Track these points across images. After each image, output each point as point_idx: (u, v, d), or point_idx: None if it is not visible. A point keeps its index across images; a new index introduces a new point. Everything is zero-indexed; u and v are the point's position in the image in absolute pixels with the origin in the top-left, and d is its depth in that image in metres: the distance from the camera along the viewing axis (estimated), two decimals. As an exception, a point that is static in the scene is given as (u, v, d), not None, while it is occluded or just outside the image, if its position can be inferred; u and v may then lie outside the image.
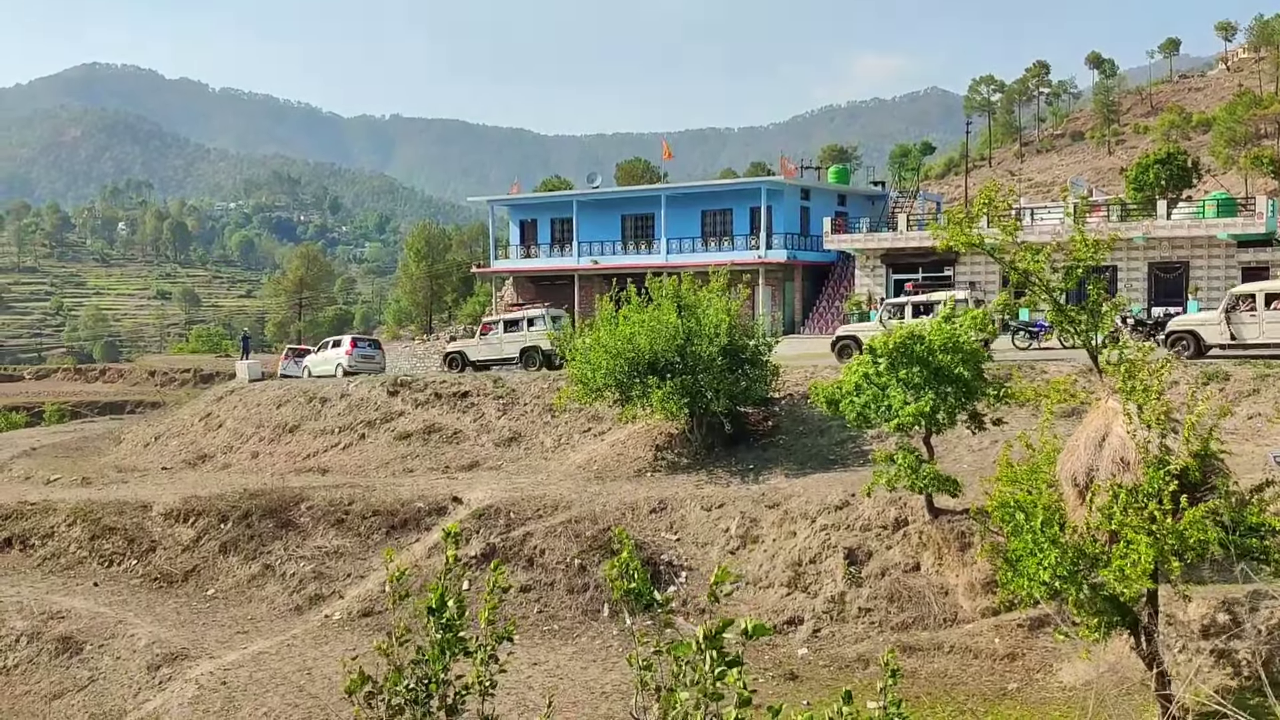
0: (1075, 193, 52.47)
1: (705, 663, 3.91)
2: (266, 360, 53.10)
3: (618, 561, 4.37)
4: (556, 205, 59.77)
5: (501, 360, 39.22)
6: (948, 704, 17.44)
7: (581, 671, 20.15)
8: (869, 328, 33.62)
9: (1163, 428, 14.50)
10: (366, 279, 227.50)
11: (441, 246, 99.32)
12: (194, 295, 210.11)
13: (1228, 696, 15.43)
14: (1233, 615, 17.34)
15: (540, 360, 37.98)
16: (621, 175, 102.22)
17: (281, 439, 36.33)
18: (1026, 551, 15.13)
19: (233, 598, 25.92)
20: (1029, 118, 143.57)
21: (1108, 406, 15.13)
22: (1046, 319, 25.75)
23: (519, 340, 38.87)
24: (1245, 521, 14.64)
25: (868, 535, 22.40)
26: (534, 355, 38.20)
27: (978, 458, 24.41)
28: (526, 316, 39.65)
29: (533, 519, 25.44)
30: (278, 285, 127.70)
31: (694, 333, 28.13)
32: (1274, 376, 26.06)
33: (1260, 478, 20.50)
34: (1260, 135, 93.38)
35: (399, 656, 4.26)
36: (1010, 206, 18.12)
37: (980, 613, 20.03)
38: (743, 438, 29.56)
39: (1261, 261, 40.40)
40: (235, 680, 20.61)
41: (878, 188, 64.37)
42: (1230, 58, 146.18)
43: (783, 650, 20.58)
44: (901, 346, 21.22)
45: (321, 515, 27.46)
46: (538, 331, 37.96)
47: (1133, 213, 44.79)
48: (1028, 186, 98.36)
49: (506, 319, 40.65)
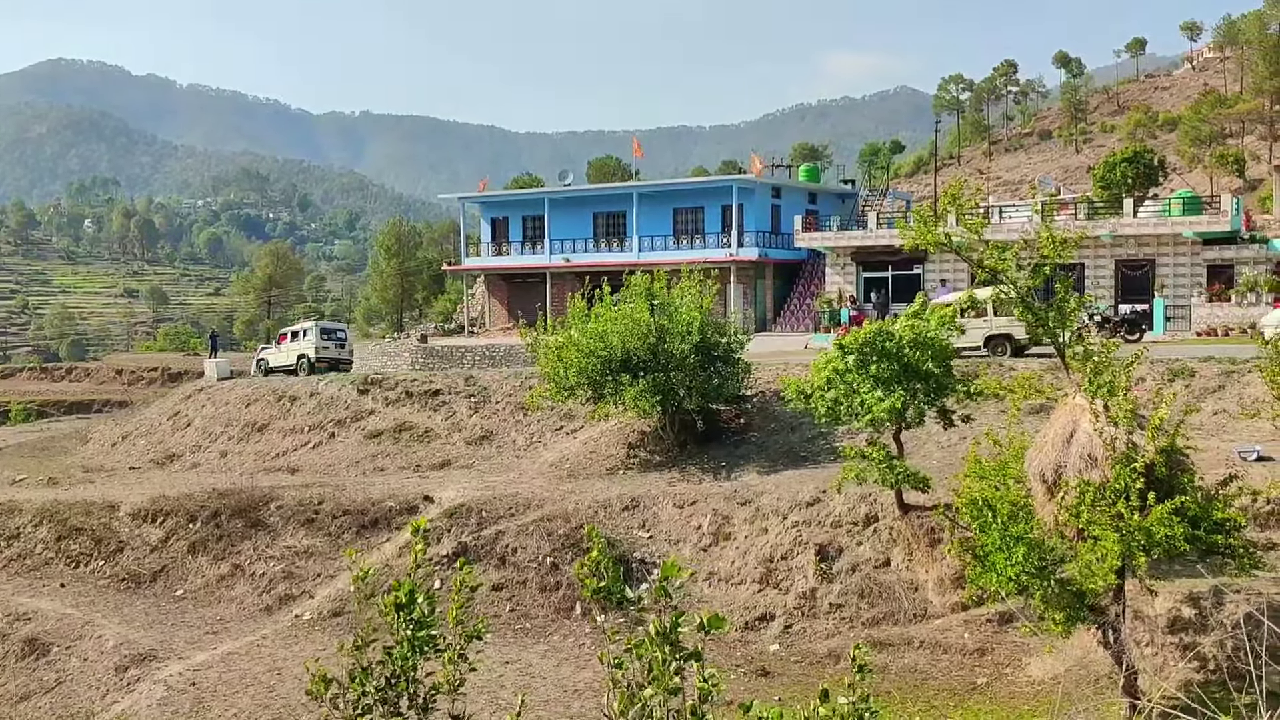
0: (1043, 191, 52.92)
1: (661, 658, 3.92)
2: (235, 359, 52.71)
3: (588, 560, 4.37)
4: (528, 203, 59.67)
5: (286, 368, 43.06)
6: (918, 699, 17.55)
7: (554, 670, 20.14)
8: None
9: (1129, 424, 14.65)
10: (336, 277, 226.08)
11: (412, 244, 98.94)
12: (161, 293, 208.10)
13: (1194, 690, 15.60)
14: (1198, 610, 17.53)
15: (309, 366, 42.33)
16: (593, 173, 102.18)
17: (250, 438, 36.09)
18: (995, 547, 15.26)
19: (202, 598, 25.73)
20: (997, 117, 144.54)
21: (1075, 403, 15.27)
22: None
23: (296, 349, 43.29)
24: (1211, 517, 14.82)
25: (839, 531, 22.50)
26: (304, 362, 42.64)
27: (947, 454, 24.56)
28: (302, 329, 44.63)
29: (505, 517, 25.38)
30: (246, 283, 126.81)
31: (666, 330, 28.14)
32: (1239, 373, 26.37)
33: (1225, 473, 20.81)
34: (1225, 134, 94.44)
35: (366, 657, 4.24)
36: (977, 205, 18.22)
37: (950, 608, 20.17)
38: (715, 435, 29.61)
39: (1226, 259, 40.86)
40: (204, 681, 20.46)
41: (848, 186, 64.68)
42: (1196, 57, 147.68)
43: (755, 647, 20.63)
44: (871, 342, 21.34)
45: (291, 515, 27.29)
46: (308, 342, 42.90)
47: (1100, 211, 45.20)
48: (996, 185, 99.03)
49: (291, 330, 45.81)
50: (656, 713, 3.92)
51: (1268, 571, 18.02)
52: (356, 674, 4.20)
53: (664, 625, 3.94)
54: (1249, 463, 21.54)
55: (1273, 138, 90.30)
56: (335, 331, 45.01)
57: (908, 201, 62.80)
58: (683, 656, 3.95)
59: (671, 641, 3.92)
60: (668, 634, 3.92)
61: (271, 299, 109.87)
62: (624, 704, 3.95)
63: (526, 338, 30.99)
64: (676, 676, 3.94)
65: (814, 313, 48.94)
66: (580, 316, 29.38)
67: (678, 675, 3.95)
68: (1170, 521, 13.85)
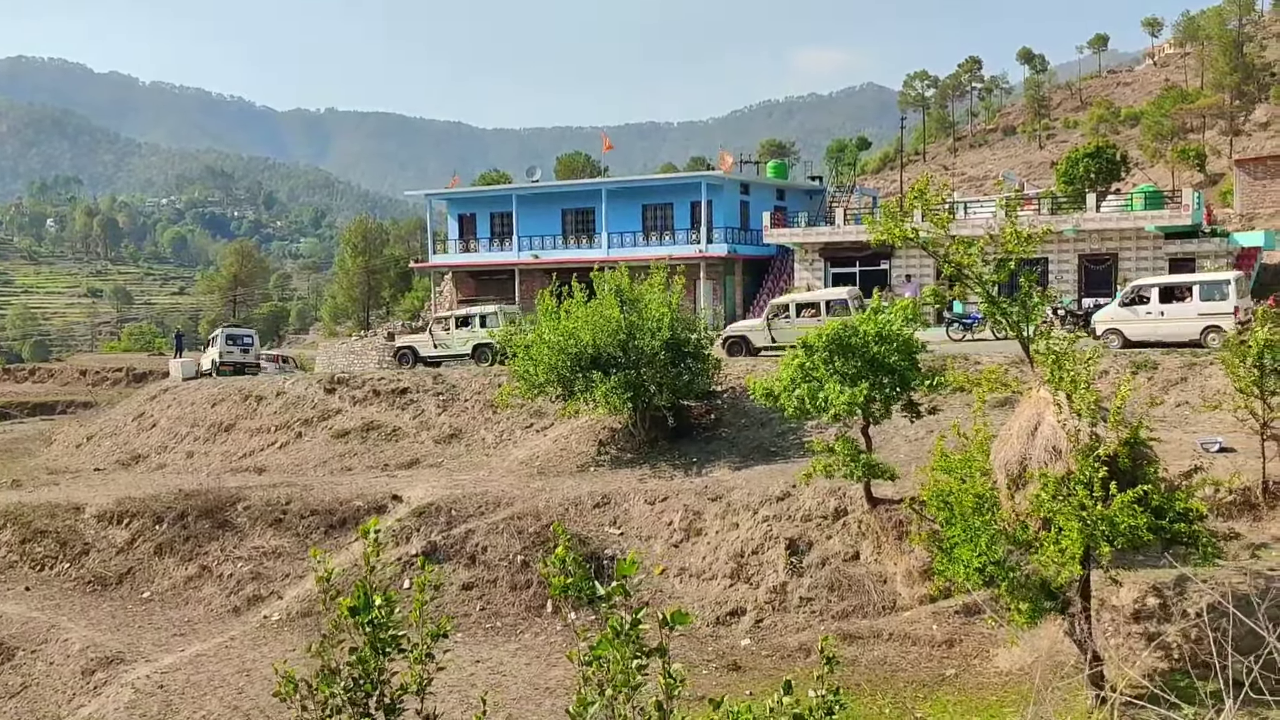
0: (1007, 186, 53.31)
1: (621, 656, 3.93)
2: (201, 358, 52.40)
3: (555, 557, 4.38)
4: (496, 199, 59.45)
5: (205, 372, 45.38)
6: (887, 691, 17.67)
7: (525, 668, 20.13)
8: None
9: (1092, 416, 14.81)
10: (302, 275, 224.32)
11: (379, 241, 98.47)
12: (126, 293, 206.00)
13: (1158, 679, 15.80)
14: (1163, 600, 17.75)
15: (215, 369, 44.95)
16: (561, 169, 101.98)
17: (217, 438, 35.83)
18: (961, 539, 15.39)
19: (169, 600, 25.53)
20: (962, 113, 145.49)
21: (1039, 396, 15.42)
22: (979, 311, 26.16)
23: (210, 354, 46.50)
24: (1174, 507, 15.01)
25: (808, 525, 22.60)
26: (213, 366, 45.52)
27: (914, 447, 24.73)
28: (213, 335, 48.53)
29: (474, 516, 25.33)
30: (211, 282, 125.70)
31: (636, 327, 28.16)
32: (1200, 365, 26.71)
33: (1188, 464, 21.07)
34: (1186, 129, 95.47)
35: (334, 658, 4.23)
36: (942, 200, 18.37)
37: (918, 600, 20.32)
38: (686, 431, 29.68)
39: (1188, 253, 41.34)
40: (172, 684, 20.31)
41: (815, 182, 64.87)
42: (1157, 53, 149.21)
43: (726, 642, 20.71)
44: (837, 339, 21.45)
45: (259, 515, 27.12)
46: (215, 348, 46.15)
47: (1063, 206, 45.58)
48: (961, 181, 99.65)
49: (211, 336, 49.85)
50: (621, 710, 3.94)
51: (1230, 561, 18.27)
52: (324, 675, 4.19)
53: (622, 623, 3.95)
54: (1211, 454, 21.83)
55: (1233, 133, 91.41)
56: (241, 337, 47.93)
57: (874, 198, 63.10)
58: (646, 653, 3.97)
59: (632, 639, 3.93)
60: (627, 632, 3.93)
61: (237, 298, 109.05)
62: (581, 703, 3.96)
63: (495, 335, 30.90)
64: (639, 674, 3.96)
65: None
66: (550, 313, 29.35)
67: (642, 672, 3.97)
68: (1134, 511, 14.02)
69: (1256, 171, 54.33)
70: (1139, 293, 30.17)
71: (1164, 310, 29.41)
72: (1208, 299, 29.68)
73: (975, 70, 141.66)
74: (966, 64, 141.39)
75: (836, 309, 33.56)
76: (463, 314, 41.40)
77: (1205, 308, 29.55)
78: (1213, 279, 30.75)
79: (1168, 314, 29.16)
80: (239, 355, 45.27)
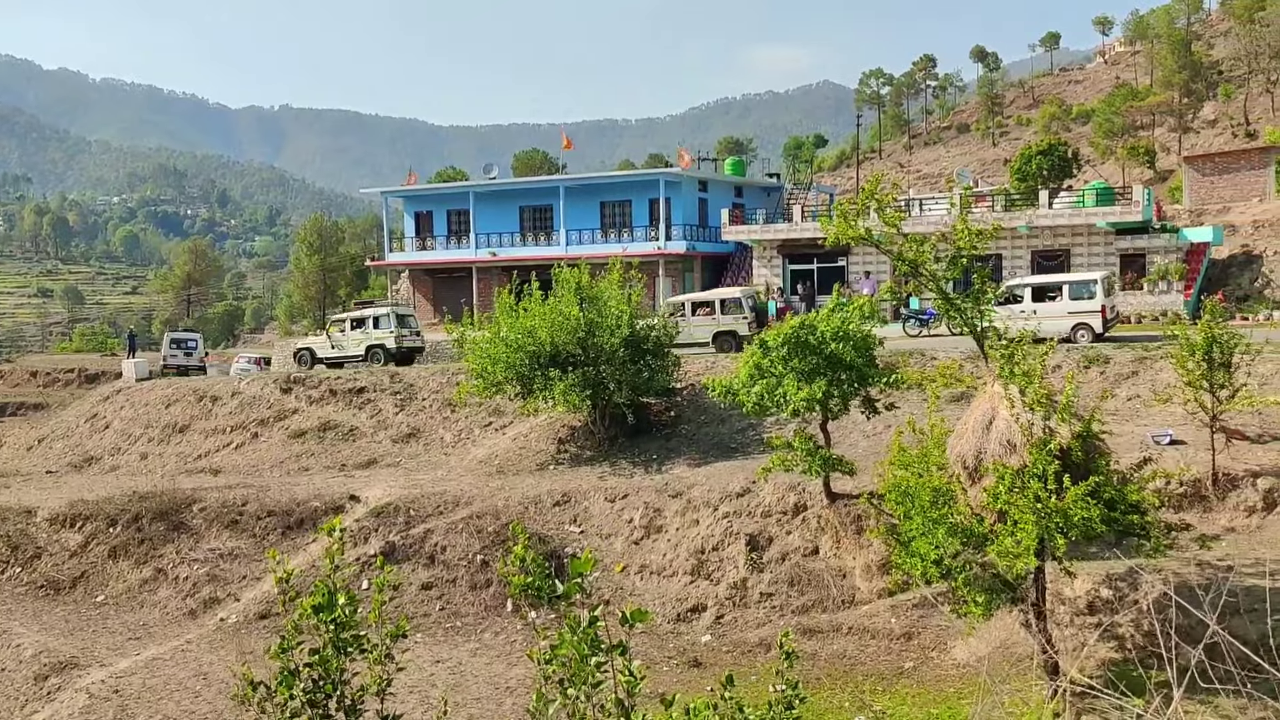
0: (961, 183, 53.80)
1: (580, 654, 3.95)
2: (155, 359, 51.79)
3: (515, 556, 4.39)
4: (452, 196, 59.16)
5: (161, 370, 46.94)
6: (846, 684, 17.81)
7: (485, 667, 20.09)
8: (319, 341, 41.23)
9: (1045, 410, 15.00)
10: (257, 274, 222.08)
11: (334, 239, 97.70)
12: (77, 293, 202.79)
13: (1112, 670, 16.05)
14: (1115, 591, 18.02)
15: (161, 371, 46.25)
16: (519, 166, 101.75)
17: (171, 439, 35.42)
18: (918, 533, 15.54)
19: (124, 603, 25.22)
20: (917, 111, 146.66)
21: (994, 391, 15.59)
22: (934, 307, 26.41)
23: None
24: (1126, 500, 15.24)
25: (768, 521, 22.72)
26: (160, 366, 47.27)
27: (872, 443, 24.93)
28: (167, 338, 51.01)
29: (433, 516, 25.22)
30: (165, 281, 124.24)
31: (595, 324, 28.15)
32: (1151, 359, 27.12)
33: (1139, 457, 21.39)
34: (1137, 126, 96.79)
35: (293, 659, 4.21)
36: (894, 199, 18.52)
37: (877, 594, 20.49)
38: (645, 428, 29.71)
39: (1138, 249, 41.93)
40: (128, 688, 20.06)
41: (773, 180, 65.14)
42: (1107, 51, 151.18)
43: (687, 638, 20.78)
44: (794, 336, 21.58)
45: (215, 517, 26.85)
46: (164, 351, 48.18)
47: (1016, 203, 46.07)
48: (916, 178, 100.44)
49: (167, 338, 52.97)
50: (582, 708, 3.96)
51: (1181, 552, 18.58)
52: (284, 677, 4.17)
53: (578, 621, 3.97)
54: (1162, 447, 22.19)
55: (1182, 130, 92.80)
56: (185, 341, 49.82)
57: (831, 195, 63.47)
58: (606, 651, 3.99)
59: (591, 637, 3.95)
60: (585, 630, 3.95)
61: (191, 297, 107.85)
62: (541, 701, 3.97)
63: (453, 333, 30.73)
64: (600, 672, 3.97)
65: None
66: (508, 311, 29.26)
67: (602, 670, 3.98)
68: (1087, 504, 14.21)
69: (1205, 168, 55.22)
70: (1012, 292, 31.01)
71: (1036, 309, 30.23)
72: (1076, 298, 31.68)
73: (930, 68, 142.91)
74: (921, 62, 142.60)
75: (730, 308, 36.33)
76: (357, 316, 41.73)
77: (1074, 306, 31.63)
78: (1080, 279, 32.43)
79: (1040, 312, 29.98)
80: (182, 359, 46.31)
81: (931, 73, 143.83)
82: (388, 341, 39.19)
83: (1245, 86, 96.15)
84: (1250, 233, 45.61)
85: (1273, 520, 20.06)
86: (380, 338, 39.27)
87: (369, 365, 38.47)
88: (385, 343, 39.11)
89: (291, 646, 4.22)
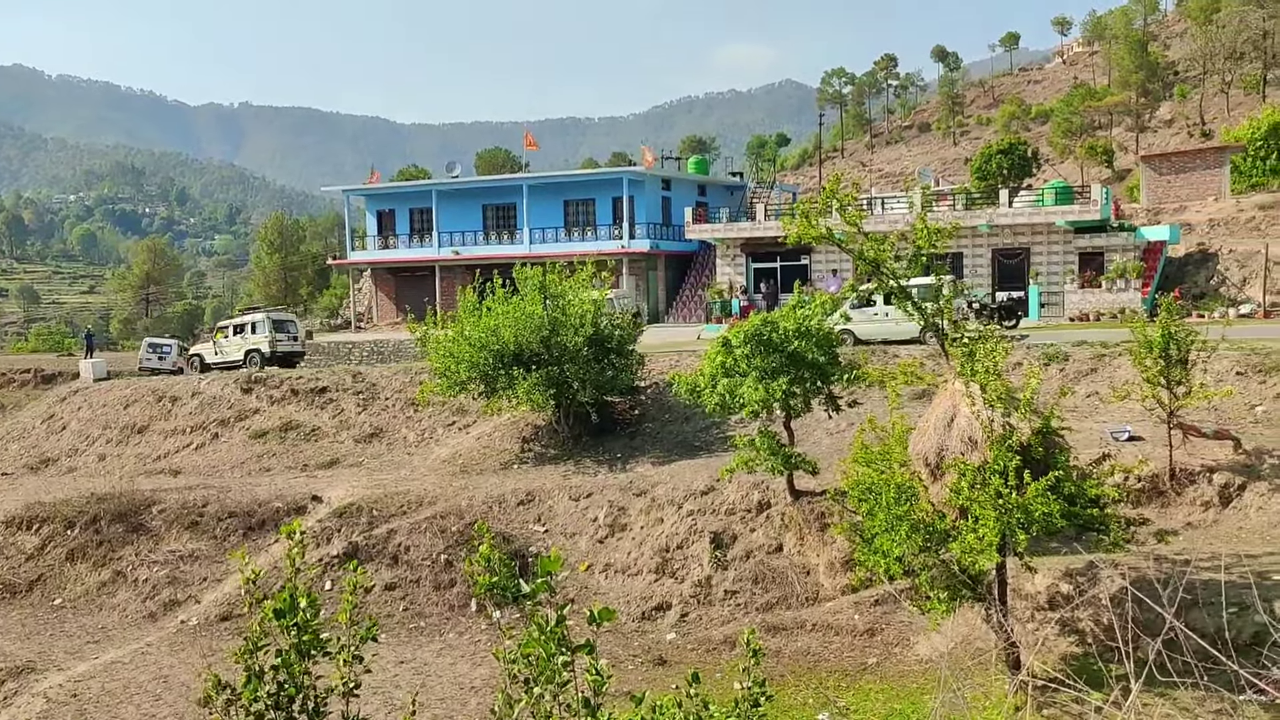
0: (922, 182, 54.21)
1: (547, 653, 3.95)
2: (113, 359, 51.23)
3: (480, 555, 4.37)
4: (415, 195, 58.86)
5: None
6: (810, 681, 17.90)
7: (450, 667, 20.01)
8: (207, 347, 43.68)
9: (1005, 406, 15.13)
10: (217, 272, 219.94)
11: (295, 238, 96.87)
12: (32, 292, 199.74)
13: (1072, 663, 16.23)
14: (1075, 585, 18.21)
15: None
16: (482, 165, 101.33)
17: (130, 440, 35.01)
18: (881, 529, 15.63)
19: (82, 607, 24.90)
20: (879, 110, 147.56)
21: (955, 388, 15.71)
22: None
23: None
24: (1086, 495, 15.41)
25: (732, 519, 22.78)
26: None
27: (835, 440, 25.05)
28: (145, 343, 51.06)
29: (396, 515, 25.09)
30: (123, 280, 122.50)
31: (559, 323, 28.10)
32: (1110, 356, 27.44)
33: (1099, 453, 21.66)
34: (1095, 126, 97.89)
35: (259, 661, 4.18)
36: (854, 198, 18.63)
37: (840, 590, 20.60)
38: (610, 427, 29.70)
39: (1097, 247, 42.39)
40: (86, 692, 19.82)
41: (736, 178, 65.31)
42: (1066, 51, 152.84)
43: (652, 636, 20.80)
44: (757, 335, 21.64)
45: (174, 518, 26.58)
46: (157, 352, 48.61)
47: (977, 201, 46.44)
48: (879, 177, 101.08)
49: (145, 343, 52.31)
50: (547, 707, 3.95)
51: (1139, 547, 18.82)
52: (248, 679, 4.13)
53: (545, 620, 3.97)
54: (1121, 442, 22.46)
55: (1139, 129, 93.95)
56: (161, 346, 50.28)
57: (794, 194, 63.70)
58: (572, 650, 3.98)
59: (558, 636, 3.95)
60: (551, 629, 3.94)
61: (150, 296, 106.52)
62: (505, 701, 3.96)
63: (416, 332, 30.60)
64: (566, 670, 3.97)
65: (705, 303, 49.39)
66: (471, 310, 29.15)
67: (568, 669, 3.98)
68: (1047, 499, 14.36)
69: (1161, 167, 55.94)
70: (868, 296, 31.36)
71: (888, 311, 30.68)
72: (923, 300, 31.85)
73: (891, 68, 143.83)
74: (882, 61, 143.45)
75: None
76: (238, 322, 44.24)
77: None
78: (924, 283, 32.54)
79: (891, 314, 30.39)
80: (156, 363, 46.84)
81: (893, 72, 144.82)
82: (263, 346, 41.85)
83: (1201, 87, 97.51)
84: (1206, 231, 46.29)
85: (1228, 515, 20.37)
86: (257, 342, 42.03)
87: (248, 369, 40.56)
88: (261, 347, 41.86)
89: (256, 649, 4.18)
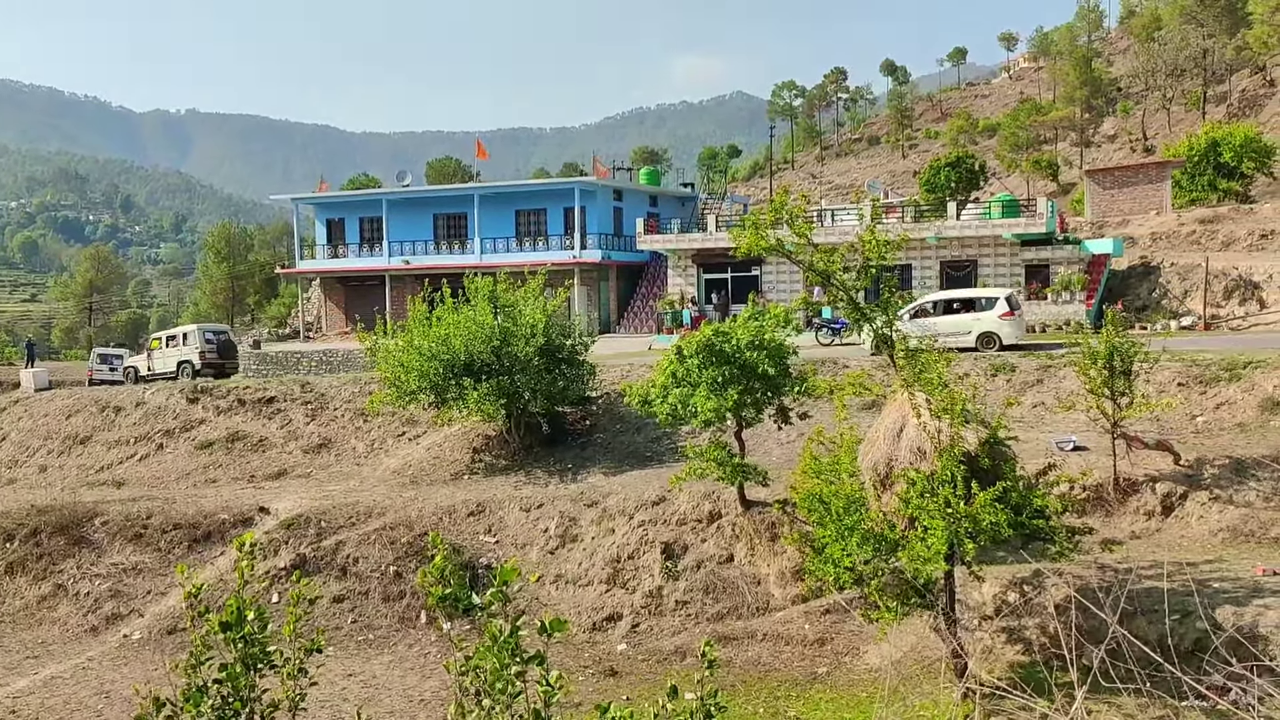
0: (871, 195, 54.68)
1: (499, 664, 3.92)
2: (55, 368, 50.32)
3: (432, 567, 4.34)
4: (365, 204, 58.41)
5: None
6: (761, 690, 17.94)
7: (399, 680, 19.82)
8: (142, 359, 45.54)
9: (953, 417, 15.29)
10: (163, 281, 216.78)
11: (243, 246, 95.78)
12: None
13: (1019, 671, 16.41)
14: (1022, 594, 18.42)
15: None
16: (432, 174, 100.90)
17: (72, 451, 34.38)
18: (831, 539, 15.72)
19: (21, 621, 24.39)
20: (829, 123, 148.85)
21: (903, 399, 15.85)
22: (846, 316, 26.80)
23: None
24: (1032, 504, 15.61)
25: (684, 529, 22.80)
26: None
27: (786, 450, 25.17)
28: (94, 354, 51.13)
29: (345, 527, 24.85)
30: (65, 289, 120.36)
31: (510, 333, 27.99)
32: (1055, 368, 27.83)
33: (1044, 463, 21.95)
34: (1040, 140, 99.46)
35: (201, 676, 4.10)
36: (803, 210, 18.79)
37: (791, 600, 20.68)
38: (561, 437, 29.63)
39: (1043, 259, 42.99)
40: (25, 709, 19.41)
41: (688, 190, 65.50)
42: (1012, 67, 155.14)
43: (603, 647, 20.74)
44: (709, 345, 21.71)
45: (118, 530, 26.12)
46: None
47: (925, 214, 46.91)
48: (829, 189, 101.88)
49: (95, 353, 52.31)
50: (499, 718, 3.92)
51: (1084, 555, 19.07)
52: (191, 694, 4.06)
53: (499, 631, 3.94)
54: (1066, 452, 22.77)
55: (1084, 144, 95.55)
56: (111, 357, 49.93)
57: (745, 205, 64.01)
58: (524, 661, 3.96)
59: (510, 647, 3.92)
60: (505, 640, 3.92)
61: (93, 305, 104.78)
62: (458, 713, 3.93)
63: (365, 342, 30.36)
64: (518, 681, 3.95)
65: (657, 314, 49.45)
66: (421, 319, 28.95)
67: (520, 679, 3.96)
68: (994, 508, 14.52)
69: (1105, 181, 56.88)
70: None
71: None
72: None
73: (841, 81, 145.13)
74: (832, 74, 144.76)
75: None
76: (170, 334, 46.39)
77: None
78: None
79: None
80: (106, 374, 47.04)
81: (843, 85, 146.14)
82: (193, 358, 43.84)
83: (1143, 103, 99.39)
84: (1149, 244, 47.09)
85: (1170, 524, 20.72)
86: (187, 354, 44.02)
87: (181, 379, 41.83)
88: (191, 359, 43.82)
89: (200, 662, 4.11)
